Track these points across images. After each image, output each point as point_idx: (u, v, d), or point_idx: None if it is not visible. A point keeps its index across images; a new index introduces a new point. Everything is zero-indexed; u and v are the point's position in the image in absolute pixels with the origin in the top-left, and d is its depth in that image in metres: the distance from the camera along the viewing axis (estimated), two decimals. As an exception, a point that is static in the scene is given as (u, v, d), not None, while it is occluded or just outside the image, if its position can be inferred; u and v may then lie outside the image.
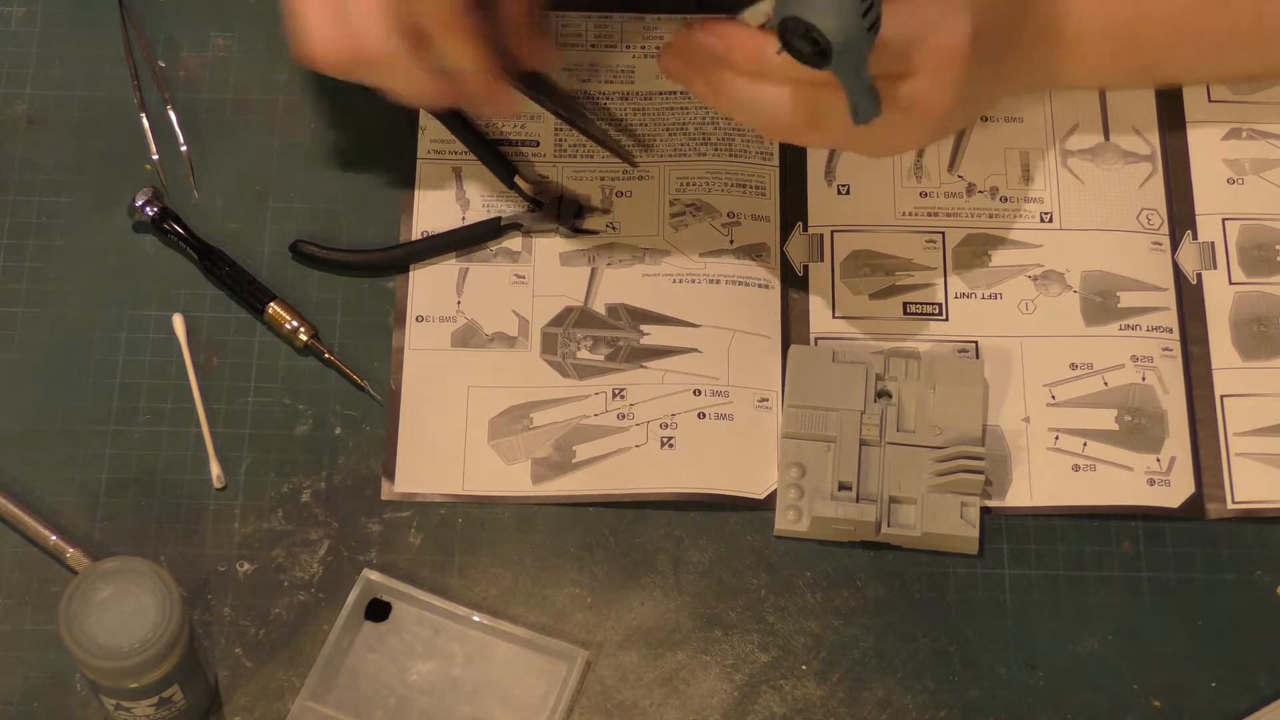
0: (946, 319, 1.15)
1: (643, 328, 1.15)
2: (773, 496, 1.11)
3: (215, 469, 1.11)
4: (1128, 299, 1.15)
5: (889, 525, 1.09)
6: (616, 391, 1.13)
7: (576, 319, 1.15)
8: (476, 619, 1.07)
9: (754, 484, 1.11)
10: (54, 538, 1.08)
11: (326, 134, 1.19)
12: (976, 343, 1.14)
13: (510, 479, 1.11)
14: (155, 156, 1.17)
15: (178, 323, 1.14)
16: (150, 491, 1.10)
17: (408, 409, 1.13)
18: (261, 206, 1.18)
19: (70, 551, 1.08)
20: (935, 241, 1.17)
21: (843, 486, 1.09)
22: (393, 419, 1.13)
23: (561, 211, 1.17)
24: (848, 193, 1.18)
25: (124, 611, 0.97)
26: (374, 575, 1.08)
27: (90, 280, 1.15)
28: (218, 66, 1.21)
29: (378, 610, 1.08)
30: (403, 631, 1.07)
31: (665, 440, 1.12)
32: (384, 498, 1.11)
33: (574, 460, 1.12)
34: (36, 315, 1.14)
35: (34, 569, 1.08)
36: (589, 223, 1.18)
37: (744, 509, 1.11)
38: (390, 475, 1.11)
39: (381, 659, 1.07)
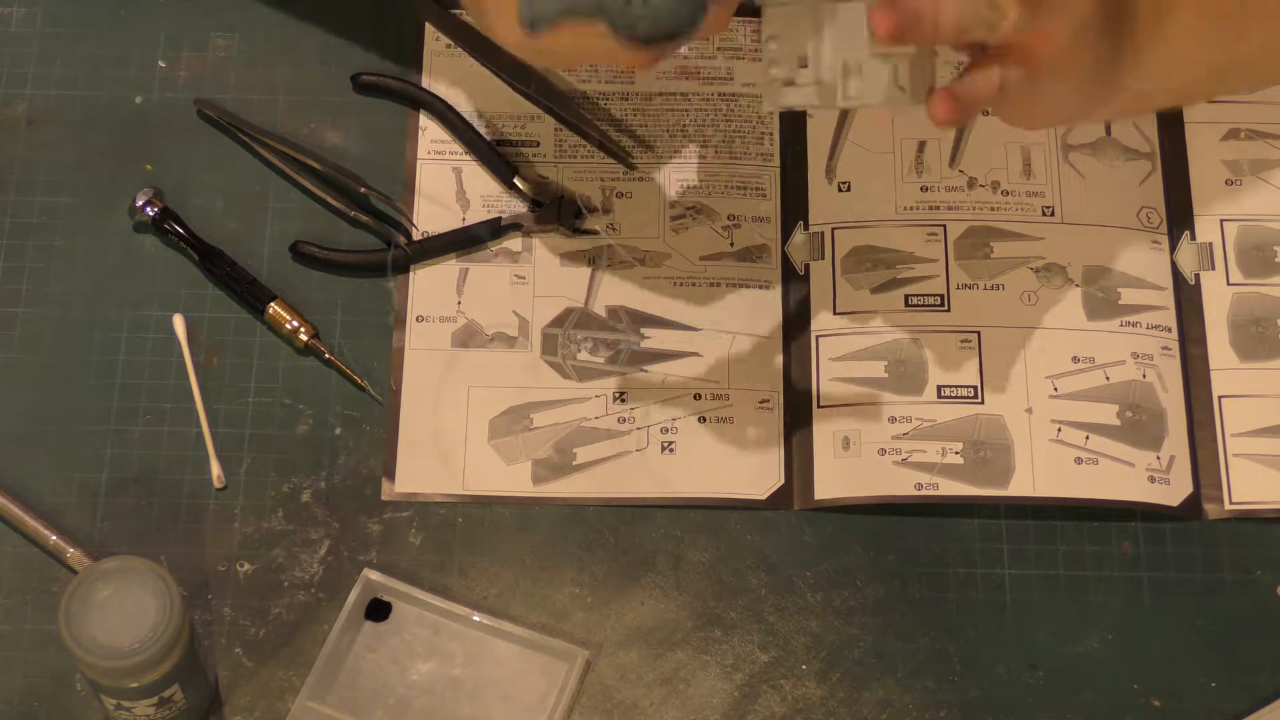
0: (949, 310, 1.15)
1: (643, 331, 1.15)
2: (774, 496, 1.11)
3: (215, 469, 1.11)
4: (1128, 295, 1.15)
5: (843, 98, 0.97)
6: (617, 395, 1.13)
7: (577, 320, 1.15)
8: (477, 619, 1.07)
9: (755, 486, 1.11)
10: (54, 538, 1.08)
11: (327, 135, 1.19)
12: (979, 333, 1.14)
13: (510, 479, 1.11)
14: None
15: (178, 323, 1.14)
16: (150, 491, 1.10)
17: (408, 409, 1.13)
18: (261, 207, 1.18)
19: (70, 551, 1.08)
20: (937, 234, 1.17)
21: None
22: (393, 419, 1.13)
23: (561, 211, 1.18)
24: (848, 190, 1.18)
25: (124, 611, 0.97)
26: (374, 575, 1.08)
27: (91, 281, 1.15)
28: (218, 66, 1.21)
29: (378, 610, 1.08)
30: (403, 631, 1.07)
31: (666, 445, 1.12)
32: (384, 498, 1.11)
33: (574, 463, 1.12)
34: (37, 315, 1.14)
35: (34, 569, 1.08)
36: (589, 222, 1.18)
37: (744, 509, 1.11)
38: (391, 475, 1.11)
39: (382, 659, 1.07)
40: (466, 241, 1.17)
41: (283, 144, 1.18)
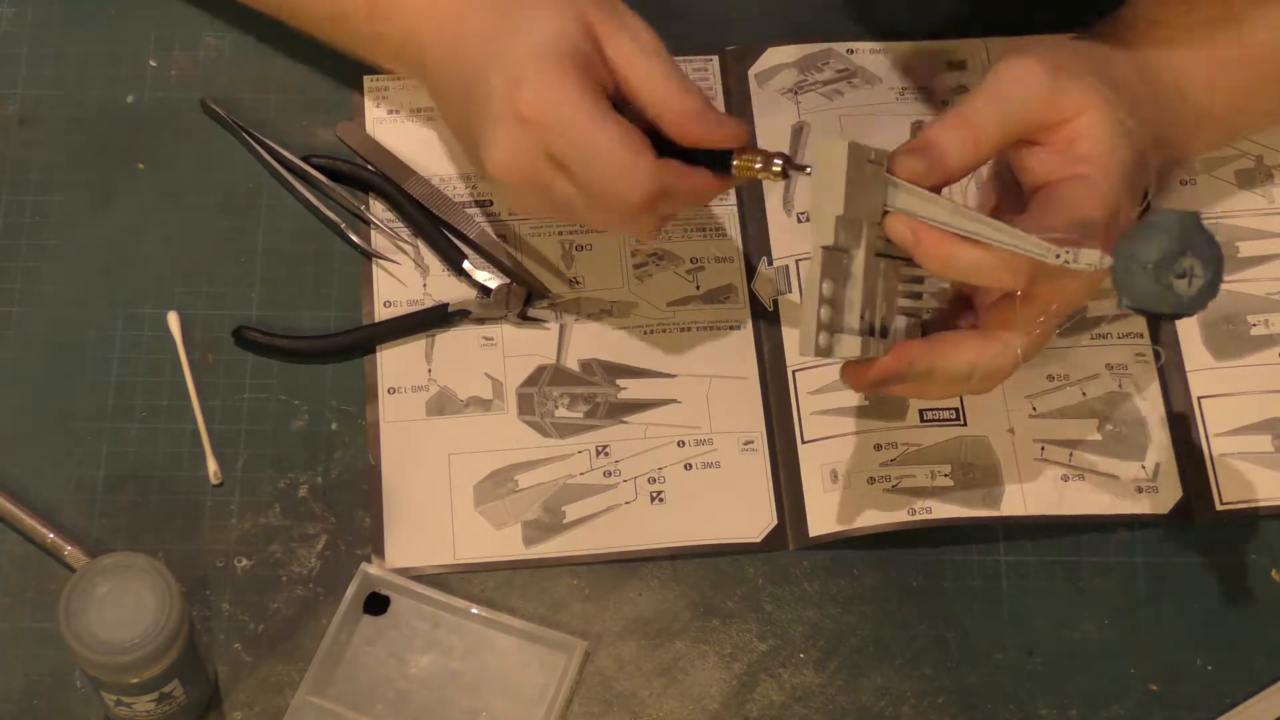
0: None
1: (619, 382, 1.14)
2: (768, 538, 1.10)
3: (212, 465, 1.11)
4: (1095, 306, 1.15)
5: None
6: (600, 449, 1.13)
7: (551, 377, 1.14)
8: (475, 611, 1.07)
9: (748, 529, 1.11)
10: (51, 535, 1.08)
11: (319, 133, 1.19)
12: None
13: (502, 544, 1.10)
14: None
15: (172, 320, 1.14)
16: (147, 488, 1.10)
17: (390, 483, 1.11)
18: (255, 206, 1.17)
19: (68, 549, 1.07)
20: None
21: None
22: (375, 494, 1.11)
23: (510, 299, 1.16)
24: (807, 220, 1.16)
25: (124, 606, 0.97)
26: (372, 569, 1.08)
27: (84, 278, 1.15)
28: (210, 65, 1.21)
29: (376, 604, 1.08)
30: (401, 625, 1.07)
31: (655, 495, 1.11)
32: (373, 573, 1.08)
33: (564, 521, 1.11)
34: (31, 314, 1.14)
35: (32, 567, 1.08)
36: (538, 311, 1.16)
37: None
38: (380, 551, 1.09)
39: (380, 652, 1.07)
40: (416, 327, 1.15)
41: (285, 149, 1.18)
